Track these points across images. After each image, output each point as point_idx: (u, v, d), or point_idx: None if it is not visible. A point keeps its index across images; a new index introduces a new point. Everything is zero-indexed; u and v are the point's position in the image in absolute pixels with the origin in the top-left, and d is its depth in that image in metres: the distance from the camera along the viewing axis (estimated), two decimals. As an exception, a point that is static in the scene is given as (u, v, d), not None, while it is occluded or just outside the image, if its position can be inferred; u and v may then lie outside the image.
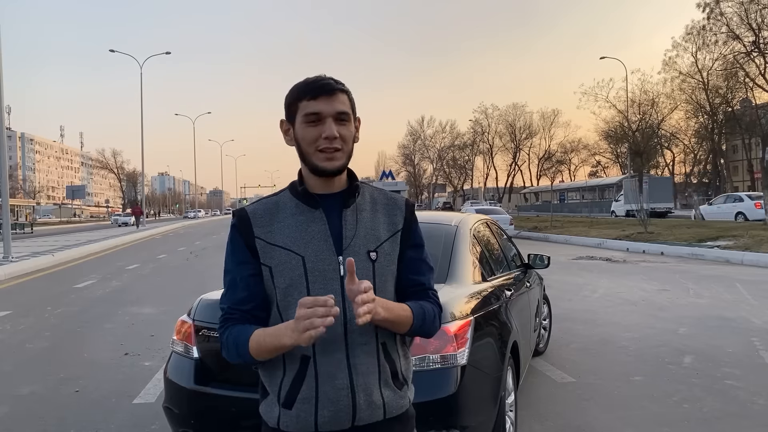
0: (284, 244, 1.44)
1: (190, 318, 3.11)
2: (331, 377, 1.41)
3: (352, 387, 1.41)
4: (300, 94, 1.44)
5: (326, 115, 1.41)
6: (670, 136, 54.33)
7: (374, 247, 1.48)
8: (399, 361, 1.51)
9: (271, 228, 1.46)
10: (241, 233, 1.48)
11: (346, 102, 1.45)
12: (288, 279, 1.43)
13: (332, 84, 1.44)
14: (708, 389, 4.60)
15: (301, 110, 1.43)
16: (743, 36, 39.38)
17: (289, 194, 1.51)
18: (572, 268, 13.27)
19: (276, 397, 1.45)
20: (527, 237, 24.78)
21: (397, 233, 1.52)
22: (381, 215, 1.52)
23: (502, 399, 3.08)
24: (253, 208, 1.50)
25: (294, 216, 1.47)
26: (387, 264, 1.49)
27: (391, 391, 1.47)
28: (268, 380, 1.48)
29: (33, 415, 4.38)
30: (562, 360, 5.53)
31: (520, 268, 4.92)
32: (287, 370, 1.43)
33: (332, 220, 1.46)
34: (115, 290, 11.08)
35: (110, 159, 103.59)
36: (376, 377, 1.44)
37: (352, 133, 1.46)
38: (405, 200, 1.59)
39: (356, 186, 1.50)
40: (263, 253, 1.45)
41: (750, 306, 8.07)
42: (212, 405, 2.90)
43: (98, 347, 6.45)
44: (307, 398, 1.41)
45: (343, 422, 1.41)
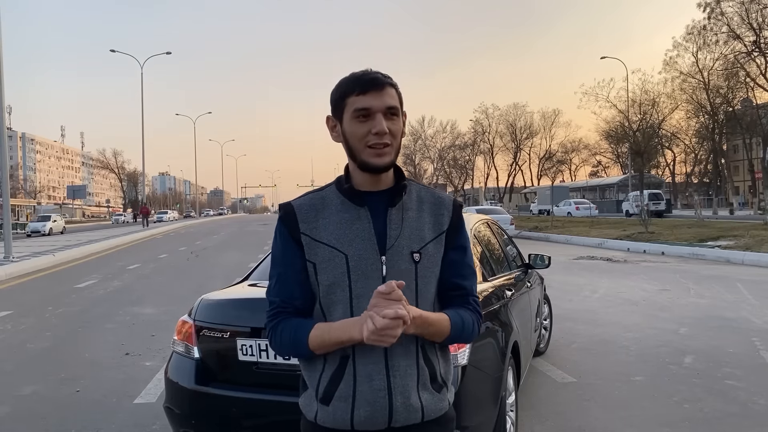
0: (328, 241, 1.44)
1: (191, 318, 3.12)
2: (368, 378, 1.41)
3: (390, 389, 1.41)
4: (348, 90, 1.42)
5: (376, 110, 1.40)
6: (671, 136, 54.28)
7: (418, 248, 1.46)
8: (438, 364, 1.49)
9: (317, 224, 1.46)
10: (288, 227, 1.48)
11: (395, 96, 1.43)
12: (331, 277, 1.43)
13: (381, 78, 1.42)
14: (709, 389, 4.60)
15: (349, 106, 1.42)
16: (744, 36, 39.31)
17: (335, 190, 1.49)
18: (573, 268, 13.26)
19: (314, 392, 1.46)
20: (528, 237, 24.76)
21: (442, 234, 1.50)
22: (427, 215, 1.50)
23: (502, 399, 3.09)
24: (300, 203, 1.50)
25: (339, 213, 1.46)
26: (430, 266, 1.47)
27: (430, 394, 1.46)
28: (308, 374, 1.49)
29: (34, 415, 4.38)
30: (563, 360, 5.53)
31: (521, 268, 4.92)
32: (326, 366, 1.44)
33: (377, 219, 1.45)
34: (116, 290, 11.09)
35: (111, 159, 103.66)
36: (414, 380, 1.43)
37: (400, 128, 1.45)
38: (453, 200, 1.56)
39: (403, 185, 1.48)
40: (308, 249, 1.45)
41: (751, 306, 8.07)
42: (213, 405, 2.91)
43: (99, 347, 6.45)
44: (344, 397, 1.41)
45: (378, 423, 1.41)
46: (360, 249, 1.42)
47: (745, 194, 59.90)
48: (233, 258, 16.94)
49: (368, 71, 1.44)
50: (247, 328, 2.87)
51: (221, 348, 2.95)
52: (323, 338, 1.39)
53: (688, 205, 52.52)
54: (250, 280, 3.65)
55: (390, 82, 1.43)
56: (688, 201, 53.79)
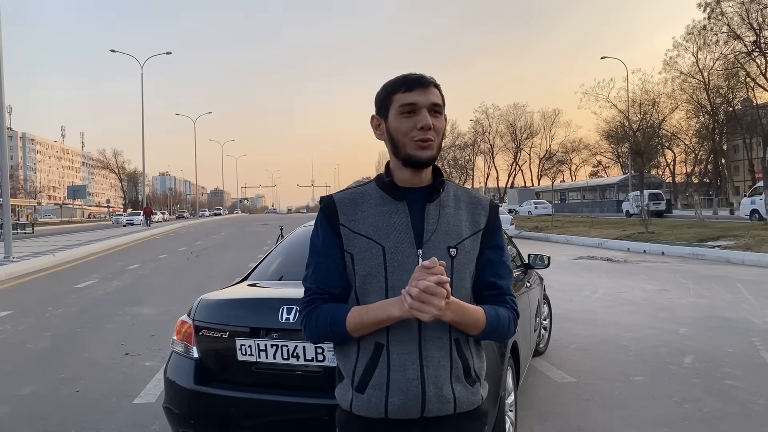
0: (366, 233, 1.49)
1: (190, 318, 3.12)
2: (402, 367, 1.44)
3: (423, 379, 1.44)
4: (395, 87, 1.49)
5: (422, 105, 1.46)
6: (671, 136, 54.26)
7: (455, 243, 1.50)
8: (472, 359, 1.53)
9: (355, 216, 1.51)
10: (328, 218, 1.53)
11: (438, 95, 1.50)
12: (368, 267, 1.48)
13: (426, 78, 1.49)
14: (708, 389, 4.60)
15: (395, 102, 1.48)
16: (744, 36, 39.28)
17: (375, 185, 1.55)
18: (573, 268, 13.26)
19: (350, 381, 1.50)
20: (528, 237, 24.76)
21: (478, 232, 1.55)
22: (464, 213, 1.55)
23: (501, 399, 3.09)
24: (341, 196, 1.56)
25: (378, 206, 1.51)
26: (466, 262, 1.51)
27: (463, 387, 1.49)
28: (343, 363, 1.53)
29: (34, 415, 4.38)
30: (563, 360, 5.53)
31: (520, 268, 4.92)
32: (360, 355, 1.48)
33: (414, 214, 1.50)
34: (115, 290, 11.09)
35: (111, 159, 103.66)
36: (447, 372, 1.47)
37: (443, 126, 1.51)
38: (489, 200, 1.61)
39: (441, 182, 1.53)
40: (347, 240, 1.50)
41: (751, 306, 8.07)
42: (212, 405, 2.91)
43: (99, 347, 6.46)
44: (379, 385, 1.45)
45: (411, 411, 1.44)
46: (397, 242, 1.47)
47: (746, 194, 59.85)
48: (233, 258, 16.94)
49: (414, 73, 1.51)
50: (246, 328, 2.87)
51: (220, 348, 2.95)
52: (361, 318, 1.43)
53: (688, 205, 52.47)
54: (249, 280, 3.65)
55: (434, 82, 1.51)
56: (689, 201, 53.74)
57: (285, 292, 3.24)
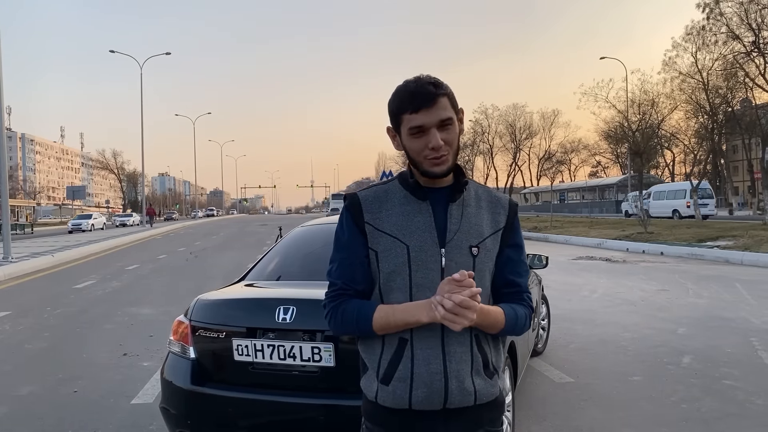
0: (391, 231, 1.52)
1: (187, 318, 3.11)
2: (426, 361, 1.49)
3: (446, 373, 1.49)
4: (403, 107, 1.49)
5: (429, 126, 1.47)
6: (670, 136, 54.26)
7: (477, 242, 1.54)
8: (491, 353, 1.58)
9: (380, 215, 1.54)
10: (353, 216, 1.57)
11: (447, 106, 1.49)
12: (392, 265, 1.51)
13: (432, 92, 1.47)
14: (707, 389, 4.60)
15: (404, 123, 1.50)
16: (743, 36, 39.18)
17: (399, 184, 1.58)
18: (572, 268, 13.26)
19: (375, 372, 1.54)
20: (527, 237, 24.74)
21: (498, 231, 1.59)
22: (485, 212, 1.59)
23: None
24: (365, 194, 1.59)
25: (402, 205, 1.54)
26: (487, 260, 1.56)
27: (482, 380, 1.54)
28: (368, 356, 1.57)
29: (32, 416, 4.38)
30: (561, 360, 5.52)
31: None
32: (385, 348, 1.52)
33: (438, 213, 1.53)
34: (114, 291, 11.08)
35: (110, 159, 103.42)
36: (468, 365, 1.51)
37: (457, 133, 1.52)
38: (509, 200, 1.64)
39: (464, 182, 1.56)
40: (371, 237, 1.54)
41: (749, 306, 8.06)
42: (209, 405, 2.91)
43: (97, 348, 6.45)
44: (403, 378, 1.50)
45: (435, 403, 1.49)
46: (421, 240, 1.50)
47: (745, 194, 59.94)
48: (232, 258, 16.94)
49: (420, 82, 1.48)
50: (243, 328, 2.86)
51: (217, 348, 2.95)
52: (388, 320, 1.48)
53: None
54: (246, 280, 3.65)
55: (441, 92, 1.48)
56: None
57: (282, 292, 3.24)
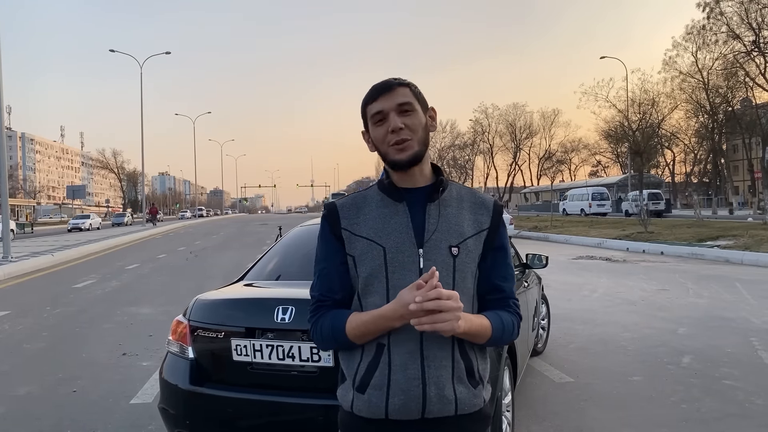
0: (367, 234, 1.50)
1: (186, 318, 3.10)
2: (403, 367, 1.44)
3: (424, 379, 1.43)
4: (366, 101, 1.52)
5: (388, 110, 1.47)
6: (671, 135, 54.26)
7: (456, 242, 1.49)
8: (476, 360, 1.52)
9: (357, 220, 1.52)
10: (330, 224, 1.55)
11: (407, 94, 1.50)
12: (369, 268, 1.48)
13: (390, 81, 1.51)
14: (707, 389, 4.58)
15: (368, 114, 1.51)
16: (743, 35, 39.32)
17: (377, 189, 1.56)
18: (572, 267, 13.25)
19: (351, 381, 1.50)
20: (527, 237, 24.74)
21: (482, 232, 1.54)
22: (467, 212, 1.54)
23: (498, 399, 3.07)
24: (343, 202, 1.57)
25: (378, 208, 1.52)
26: (468, 262, 1.50)
27: (465, 388, 1.47)
28: (347, 364, 1.53)
29: (30, 416, 4.37)
30: (561, 360, 5.51)
31: (518, 268, 4.90)
32: (364, 355, 1.48)
33: (415, 214, 1.50)
34: (114, 290, 11.07)
35: (110, 159, 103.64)
36: (449, 372, 1.45)
37: (420, 121, 1.50)
38: (493, 201, 1.60)
39: (441, 180, 1.53)
40: (348, 243, 1.51)
41: (750, 306, 8.05)
42: (207, 405, 2.89)
43: (96, 347, 6.44)
44: (379, 385, 1.45)
45: (412, 412, 1.43)
46: (397, 242, 1.47)
47: (745, 194, 59.89)
48: (232, 258, 16.93)
49: (386, 79, 1.52)
50: (242, 328, 2.85)
51: (216, 348, 2.94)
52: (360, 329, 1.44)
53: (687, 204, 52.48)
54: (245, 280, 3.64)
55: (401, 82, 1.51)
56: (688, 201, 53.75)
57: (281, 292, 3.23)
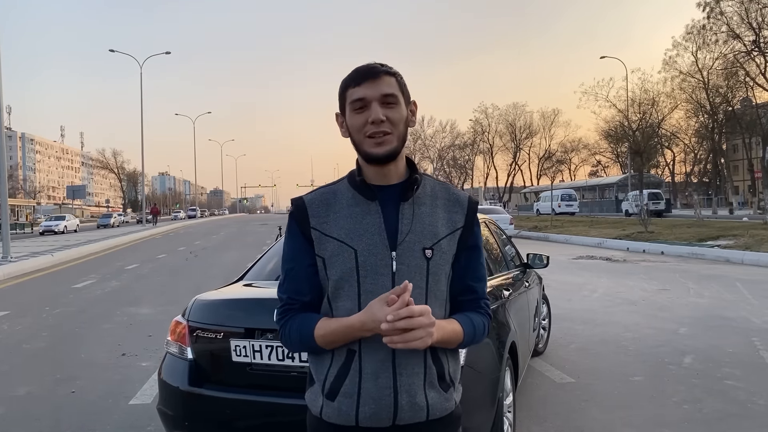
0: (338, 235, 1.41)
1: (185, 318, 3.08)
2: (374, 375, 1.38)
3: (395, 387, 1.38)
4: (347, 83, 1.41)
5: (371, 99, 1.37)
6: (671, 135, 54.24)
7: (431, 244, 1.42)
8: (447, 363, 1.46)
9: (327, 218, 1.43)
10: (298, 222, 1.46)
11: (393, 84, 1.40)
12: (340, 271, 1.40)
13: (377, 68, 1.40)
14: (708, 390, 4.56)
15: (348, 99, 1.41)
16: (743, 35, 39.28)
17: (347, 184, 1.47)
18: (572, 267, 13.23)
19: (321, 386, 1.44)
20: (527, 237, 24.73)
21: (456, 231, 1.46)
22: (441, 210, 1.46)
23: (499, 400, 3.05)
24: (311, 198, 1.48)
25: (349, 207, 1.43)
26: (442, 263, 1.44)
27: (437, 393, 1.42)
28: (315, 369, 1.48)
29: (29, 416, 4.35)
30: (562, 360, 5.49)
31: (519, 268, 4.89)
32: (333, 361, 1.42)
33: (388, 214, 1.42)
34: (113, 290, 11.05)
35: (110, 159, 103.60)
36: (421, 378, 1.40)
37: (402, 116, 1.41)
38: (468, 197, 1.52)
39: (415, 178, 1.45)
40: (318, 243, 1.43)
41: (751, 306, 8.03)
42: (206, 406, 2.88)
43: (96, 348, 6.42)
44: (350, 393, 1.39)
45: (383, 420, 1.39)
46: (369, 244, 1.39)
47: (745, 194, 59.87)
48: (232, 258, 16.92)
49: (370, 64, 1.42)
50: (241, 328, 2.83)
51: (215, 349, 2.92)
52: (328, 338, 1.39)
53: (687, 204, 52.47)
54: (245, 280, 3.62)
55: (387, 70, 1.41)
56: (688, 201, 53.75)
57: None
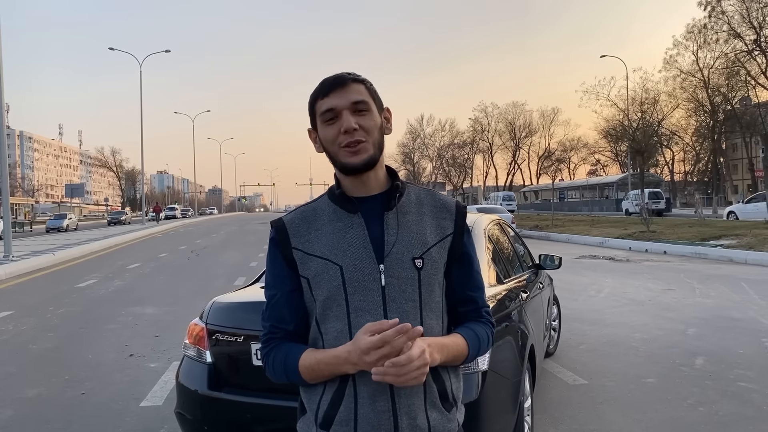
0: (321, 253, 1.34)
1: (203, 321, 3.05)
2: (371, 399, 1.30)
3: (395, 410, 1.30)
4: (315, 96, 1.37)
5: (341, 108, 1.32)
6: (671, 134, 54.29)
7: (420, 253, 1.35)
8: (449, 381, 1.38)
9: (309, 237, 1.37)
10: (278, 246, 1.39)
11: (362, 91, 1.35)
12: (326, 290, 1.33)
13: (344, 76, 1.35)
14: (723, 392, 4.54)
15: (317, 111, 1.36)
16: (744, 34, 39.34)
17: (327, 199, 1.41)
18: (576, 267, 13.20)
19: (314, 416, 1.35)
20: (528, 236, 24.66)
21: (446, 238, 1.39)
22: (428, 218, 1.40)
23: (521, 404, 3.03)
24: (291, 218, 1.41)
25: (332, 222, 1.37)
26: (434, 272, 1.36)
27: (439, 414, 1.34)
28: (307, 397, 1.39)
29: (39, 419, 4.31)
30: (573, 361, 5.47)
31: (532, 269, 4.86)
32: (326, 388, 1.34)
33: (372, 225, 1.35)
34: (117, 290, 11.01)
35: (109, 157, 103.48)
36: (421, 399, 1.32)
37: (376, 123, 1.35)
38: (456, 203, 1.45)
39: (397, 186, 1.38)
40: (301, 264, 1.36)
41: (758, 306, 8.02)
42: (226, 411, 2.85)
43: (102, 348, 6.38)
44: (346, 420, 1.30)
45: None
46: (355, 258, 1.32)
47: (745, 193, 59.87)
48: (234, 257, 16.89)
49: (338, 74, 1.37)
50: (262, 332, 2.79)
51: (234, 352, 2.89)
52: (315, 371, 1.31)
53: (687, 203, 52.45)
54: (261, 282, 3.58)
55: (355, 78, 1.36)
56: (687, 200, 53.74)
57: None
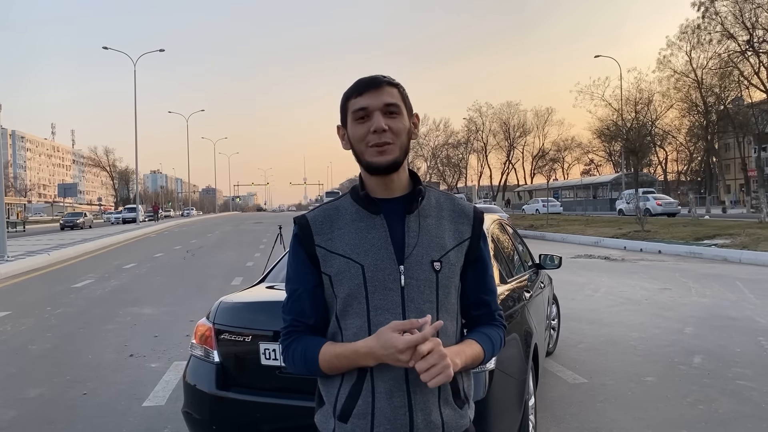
0: (344, 252, 1.39)
1: (210, 321, 3.06)
2: (388, 394, 1.35)
3: (410, 405, 1.35)
4: (349, 94, 1.41)
5: (373, 108, 1.37)
6: (664, 134, 54.57)
7: (438, 256, 1.40)
8: (461, 380, 1.44)
9: (332, 235, 1.41)
10: (301, 242, 1.43)
11: (395, 95, 1.40)
12: (347, 288, 1.38)
13: (379, 78, 1.40)
14: (721, 390, 4.59)
15: (350, 109, 1.40)
16: (738, 35, 39.60)
17: (350, 199, 1.45)
18: (572, 266, 13.23)
19: (332, 408, 1.40)
20: (524, 235, 24.66)
21: (463, 243, 1.44)
22: (447, 222, 1.45)
23: (526, 402, 3.06)
24: (314, 215, 1.45)
25: (354, 222, 1.41)
26: (451, 275, 1.42)
27: (452, 410, 1.41)
28: (325, 390, 1.44)
29: (42, 419, 4.31)
30: (572, 360, 5.51)
31: (532, 269, 4.89)
32: (344, 381, 1.39)
33: (394, 227, 1.40)
34: (114, 290, 10.99)
35: (102, 157, 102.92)
36: (435, 396, 1.38)
37: (405, 126, 1.40)
38: (473, 208, 1.50)
39: (419, 190, 1.43)
40: (324, 261, 1.40)
41: (753, 305, 8.09)
42: (234, 410, 2.86)
43: (102, 348, 6.37)
44: (363, 414, 1.36)
45: None
46: (376, 259, 1.37)
47: (737, 192, 60.23)
48: (230, 257, 16.87)
49: (373, 75, 1.42)
50: (270, 331, 2.81)
51: (242, 352, 2.91)
52: (334, 365, 1.36)
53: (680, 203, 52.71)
54: (266, 282, 3.60)
55: (389, 81, 1.41)
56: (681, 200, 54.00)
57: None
